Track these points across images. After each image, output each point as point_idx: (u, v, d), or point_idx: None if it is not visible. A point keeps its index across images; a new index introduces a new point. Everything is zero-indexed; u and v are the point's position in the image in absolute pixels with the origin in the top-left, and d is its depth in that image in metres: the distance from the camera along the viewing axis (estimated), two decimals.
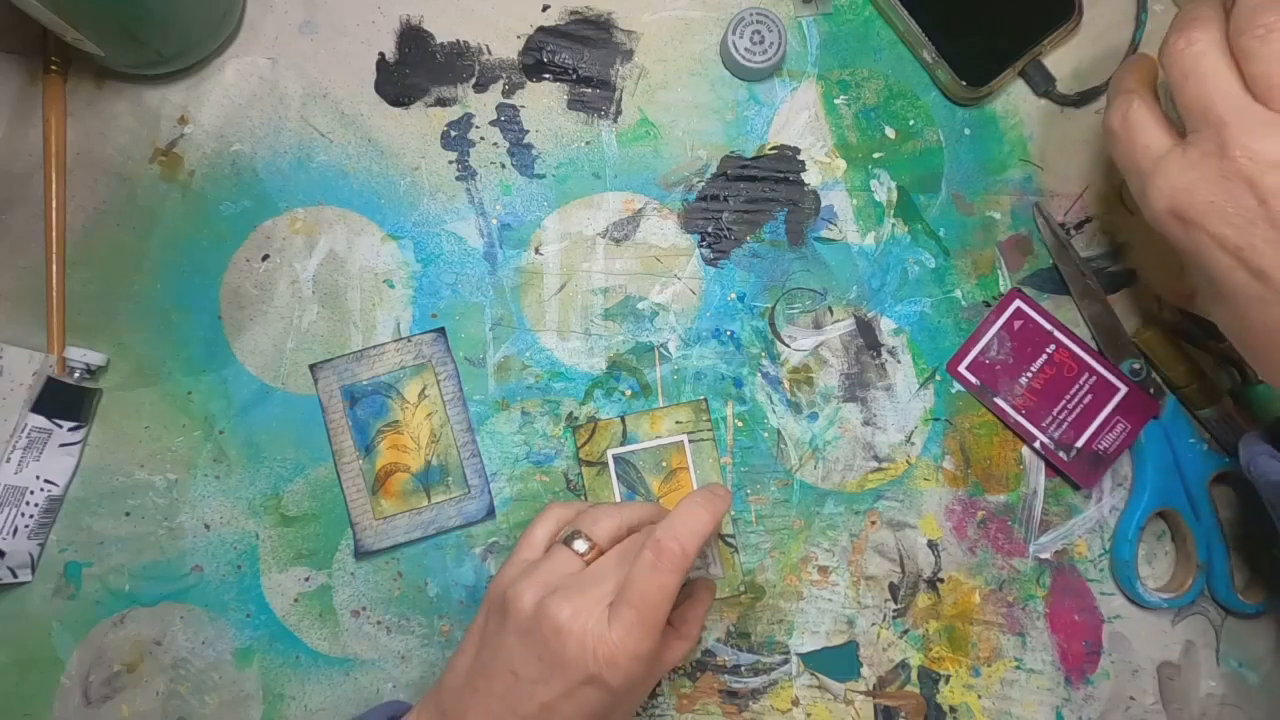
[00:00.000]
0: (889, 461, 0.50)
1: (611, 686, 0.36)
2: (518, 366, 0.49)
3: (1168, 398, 0.50)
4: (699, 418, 0.49)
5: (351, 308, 0.49)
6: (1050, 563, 0.50)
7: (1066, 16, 0.51)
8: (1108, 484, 0.50)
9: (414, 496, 0.48)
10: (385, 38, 0.50)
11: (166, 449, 0.48)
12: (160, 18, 0.44)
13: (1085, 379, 0.50)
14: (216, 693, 0.47)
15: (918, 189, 0.51)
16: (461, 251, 0.49)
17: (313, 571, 0.48)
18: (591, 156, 0.50)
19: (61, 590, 0.47)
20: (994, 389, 0.50)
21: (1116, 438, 0.49)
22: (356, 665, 0.47)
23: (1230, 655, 0.50)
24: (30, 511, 0.45)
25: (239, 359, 0.48)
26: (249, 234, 0.49)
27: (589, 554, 0.39)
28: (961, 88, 0.50)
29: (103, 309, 0.48)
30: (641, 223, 0.50)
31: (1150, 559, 0.50)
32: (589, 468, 0.48)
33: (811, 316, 0.50)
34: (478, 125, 0.50)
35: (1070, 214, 0.52)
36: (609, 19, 0.51)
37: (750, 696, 0.48)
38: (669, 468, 0.49)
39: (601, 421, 0.49)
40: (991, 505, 0.50)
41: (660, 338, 0.50)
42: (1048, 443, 0.50)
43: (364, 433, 0.48)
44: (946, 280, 0.51)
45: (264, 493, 0.48)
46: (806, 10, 0.51)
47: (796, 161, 0.51)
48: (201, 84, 0.49)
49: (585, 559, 0.39)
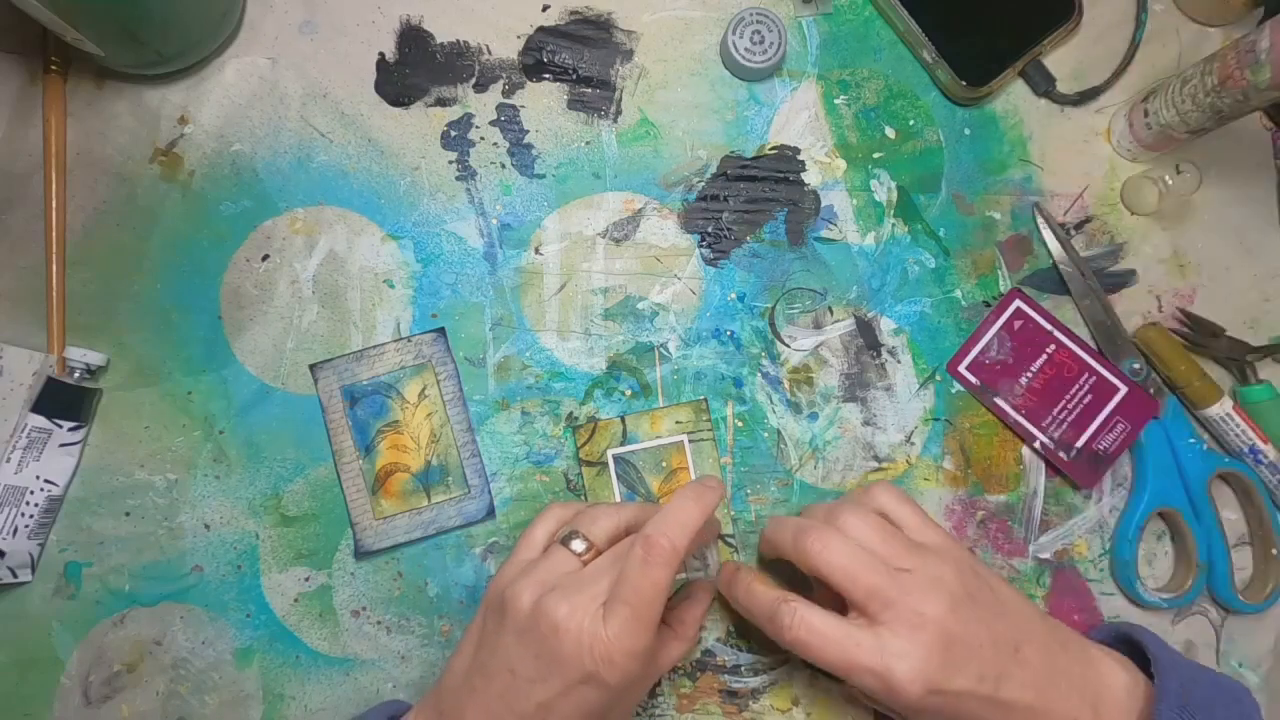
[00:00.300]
0: (889, 461, 0.50)
1: (609, 684, 0.36)
2: (518, 366, 0.49)
3: (1168, 398, 0.50)
4: (699, 418, 0.49)
5: (351, 308, 0.49)
6: (1050, 563, 0.50)
7: (1066, 16, 0.51)
8: (1108, 484, 0.50)
9: (414, 496, 0.48)
10: (385, 38, 0.50)
11: (166, 449, 0.48)
12: (160, 18, 0.44)
13: (1085, 379, 0.50)
14: (216, 693, 0.47)
15: (918, 189, 0.51)
16: (461, 251, 0.49)
17: (313, 571, 0.47)
18: (591, 156, 0.50)
19: (61, 590, 0.47)
20: (994, 389, 0.50)
21: (1116, 438, 0.49)
22: (356, 665, 0.47)
23: (1230, 655, 0.50)
24: (30, 511, 0.45)
25: (239, 359, 0.48)
26: (249, 234, 0.49)
27: (587, 554, 0.39)
28: (961, 88, 0.50)
29: (103, 309, 0.48)
30: (641, 223, 0.50)
31: (1150, 559, 0.50)
32: (589, 468, 0.48)
33: (811, 316, 0.50)
34: (478, 125, 0.50)
35: (1070, 214, 0.52)
36: (609, 19, 0.51)
37: (750, 696, 0.48)
38: (669, 468, 0.49)
39: (601, 421, 0.49)
40: (991, 505, 0.50)
41: (660, 338, 0.50)
42: (1048, 443, 0.50)
43: (364, 433, 0.48)
44: (946, 280, 0.51)
45: (264, 493, 0.48)
46: (806, 10, 0.51)
47: (796, 161, 0.51)
48: (201, 84, 0.49)
49: (583, 559, 0.39)
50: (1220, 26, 0.53)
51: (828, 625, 0.38)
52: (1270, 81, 0.42)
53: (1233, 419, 0.49)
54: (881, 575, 0.38)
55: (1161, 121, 0.48)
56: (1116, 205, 0.52)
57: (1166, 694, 0.38)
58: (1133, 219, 0.52)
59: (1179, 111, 0.47)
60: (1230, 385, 0.51)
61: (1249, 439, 0.49)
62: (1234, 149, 0.52)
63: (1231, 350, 0.50)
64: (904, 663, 0.37)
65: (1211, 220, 0.52)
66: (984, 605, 0.39)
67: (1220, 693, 0.39)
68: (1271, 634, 0.50)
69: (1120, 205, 0.52)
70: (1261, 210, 0.52)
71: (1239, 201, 0.52)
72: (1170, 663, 0.40)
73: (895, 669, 0.37)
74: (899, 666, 0.37)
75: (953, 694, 0.37)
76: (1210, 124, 0.47)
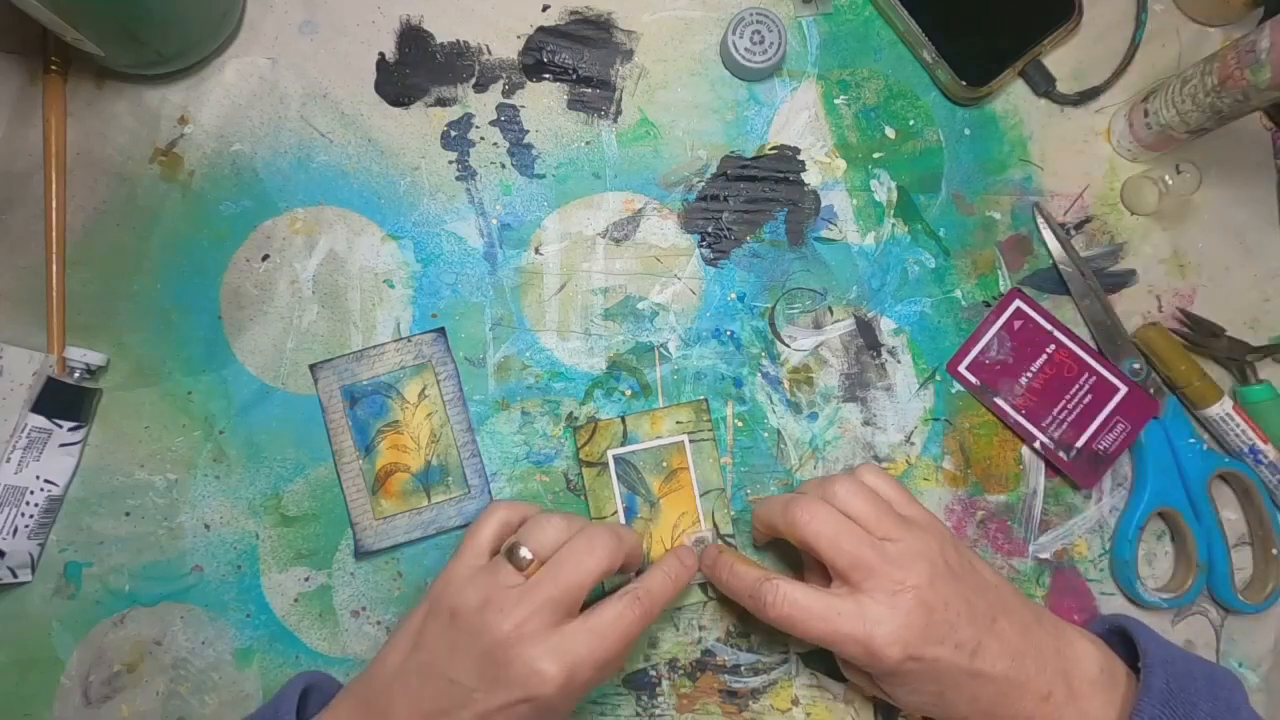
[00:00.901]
0: (889, 461, 0.50)
1: (548, 701, 0.37)
2: (518, 366, 0.49)
3: (1167, 398, 0.50)
4: (699, 418, 0.49)
5: (351, 308, 0.49)
6: (1050, 562, 0.50)
7: (1066, 16, 0.51)
8: (1108, 484, 0.50)
9: (414, 496, 0.48)
10: (385, 38, 0.50)
11: (166, 449, 0.48)
12: (160, 18, 0.44)
13: (1085, 379, 0.50)
14: (216, 693, 0.47)
15: (918, 189, 0.51)
16: (461, 251, 0.49)
17: (313, 571, 0.47)
18: (591, 156, 0.50)
19: (61, 590, 0.47)
20: (994, 389, 0.50)
21: (1116, 438, 0.49)
22: (356, 665, 0.47)
23: (1230, 655, 0.50)
24: (30, 512, 0.45)
25: (239, 359, 0.48)
26: (249, 234, 0.49)
27: (529, 567, 0.40)
28: (961, 88, 0.50)
29: (103, 309, 0.48)
30: (641, 223, 0.50)
31: (1150, 559, 0.50)
32: (589, 468, 0.48)
33: (811, 316, 0.50)
34: (478, 125, 0.50)
35: (1070, 214, 0.52)
36: (609, 19, 0.51)
37: (750, 696, 0.48)
38: (669, 468, 0.49)
39: (602, 422, 0.49)
40: (991, 505, 0.50)
41: (660, 338, 0.50)
42: (1048, 443, 0.50)
43: (364, 433, 0.48)
44: (946, 280, 0.51)
45: (264, 493, 0.48)
46: (806, 10, 0.51)
47: (796, 161, 0.51)
48: (201, 84, 0.49)
49: (526, 572, 0.39)
50: (1220, 26, 0.53)
51: (809, 598, 0.40)
52: (1270, 81, 0.42)
53: (1233, 419, 0.49)
54: (865, 544, 0.40)
55: (1161, 121, 0.48)
56: (1116, 205, 0.52)
57: (1150, 690, 0.39)
58: (1133, 219, 0.52)
59: (1179, 111, 0.47)
60: (1230, 385, 0.51)
61: (1249, 439, 0.49)
62: (1234, 149, 0.52)
63: (1231, 350, 0.50)
64: (883, 628, 0.38)
65: (1211, 220, 0.52)
66: (963, 579, 0.41)
67: (1207, 686, 0.40)
68: (1271, 634, 0.50)
69: (1120, 205, 0.52)
70: (1261, 210, 0.52)
71: (1239, 201, 0.52)
72: (1160, 658, 0.40)
73: (875, 634, 0.38)
74: (879, 631, 0.38)
75: (930, 660, 0.38)
76: (1210, 124, 0.47)
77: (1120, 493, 0.50)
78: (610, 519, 0.48)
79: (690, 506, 0.48)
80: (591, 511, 0.48)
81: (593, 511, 0.48)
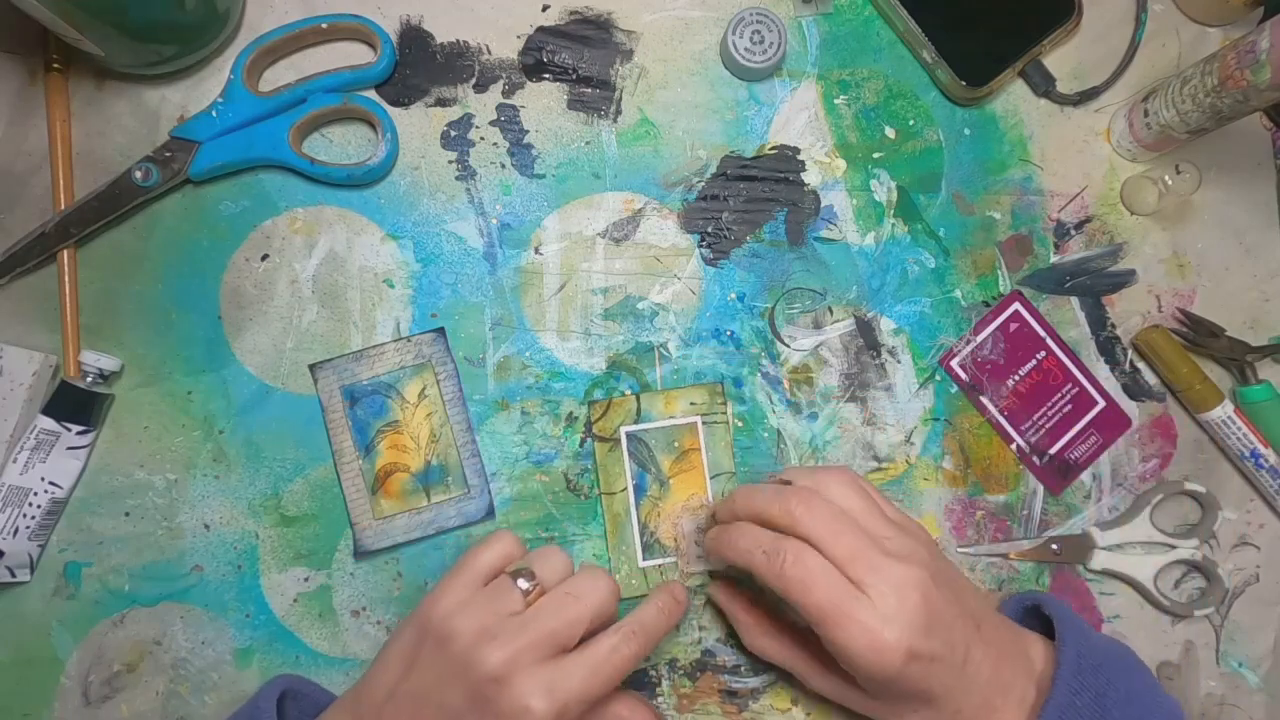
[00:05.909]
0: (889, 461, 0.50)
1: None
2: (518, 366, 0.49)
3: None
4: (714, 400, 0.49)
5: (351, 308, 0.49)
6: (1050, 562, 0.50)
7: (1066, 16, 0.51)
8: (1108, 484, 0.51)
9: (414, 496, 0.48)
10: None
11: (166, 449, 0.48)
12: (160, 18, 0.44)
13: (1068, 389, 0.50)
14: (216, 693, 0.47)
15: (918, 189, 0.51)
16: (461, 251, 0.49)
17: (312, 571, 0.47)
18: (591, 156, 0.50)
19: (61, 590, 0.47)
20: (981, 388, 0.50)
21: (1088, 449, 0.50)
22: (356, 665, 0.47)
23: (1230, 655, 0.50)
24: (32, 513, 0.45)
25: (239, 359, 0.48)
26: (249, 234, 0.49)
27: (531, 594, 0.39)
28: (961, 88, 0.50)
29: (103, 309, 0.48)
30: (641, 223, 0.50)
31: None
32: (602, 443, 0.48)
33: (811, 316, 0.50)
34: (478, 125, 0.50)
35: (1070, 214, 0.52)
36: (609, 19, 0.51)
37: (750, 696, 0.48)
38: (681, 448, 0.49)
39: (616, 399, 0.49)
40: (991, 505, 0.50)
41: (660, 338, 0.50)
42: (1024, 445, 0.50)
43: (364, 433, 0.48)
44: (946, 280, 0.51)
45: (264, 493, 0.48)
46: (806, 10, 0.51)
47: (796, 161, 0.51)
48: (201, 84, 0.49)
49: (528, 599, 0.39)
50: (1220, 26, 0.53)
51: (827, 570, 0.39)
52: (1270, 81, 0.42)
53: (1234, 423, 0.49)
54: (865, 540, 0.39)
55: (1161, 121, 0.48)
56: (1116, 205, 0.52)
57: (1065, 661, 0.40)
58: (1133, 219, 0.52)
59: (1179, 111, 0.47)
60: (1230, 386, 0.51)
61: (1250, 443, 0.49)
62: (1234, 149, 0.52)
63: (1231, 350, 0.50)
64: (892, 626, 0.38)
65: (1211, 220, 0.52)
66: (950, 583, 0.41)
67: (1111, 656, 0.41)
68: (1271, 634, 0.50)
69: (1120, 205, 0.52)
70: (1261, 210, 0.52)
71: (1239, 201, 0.52)
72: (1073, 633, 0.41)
73: (884, 631, 0.38)
74: (888, 630, 0.38)
75: (928, 659, 0.38)
76: (1210, 124, 0.47)
77: (1120, 492, 0.50)
78: (619, 495, 0.48)
79: (700, 488, 0.48)
80: (601, 486, 0.48)
81: (603, 486, 0.48)
